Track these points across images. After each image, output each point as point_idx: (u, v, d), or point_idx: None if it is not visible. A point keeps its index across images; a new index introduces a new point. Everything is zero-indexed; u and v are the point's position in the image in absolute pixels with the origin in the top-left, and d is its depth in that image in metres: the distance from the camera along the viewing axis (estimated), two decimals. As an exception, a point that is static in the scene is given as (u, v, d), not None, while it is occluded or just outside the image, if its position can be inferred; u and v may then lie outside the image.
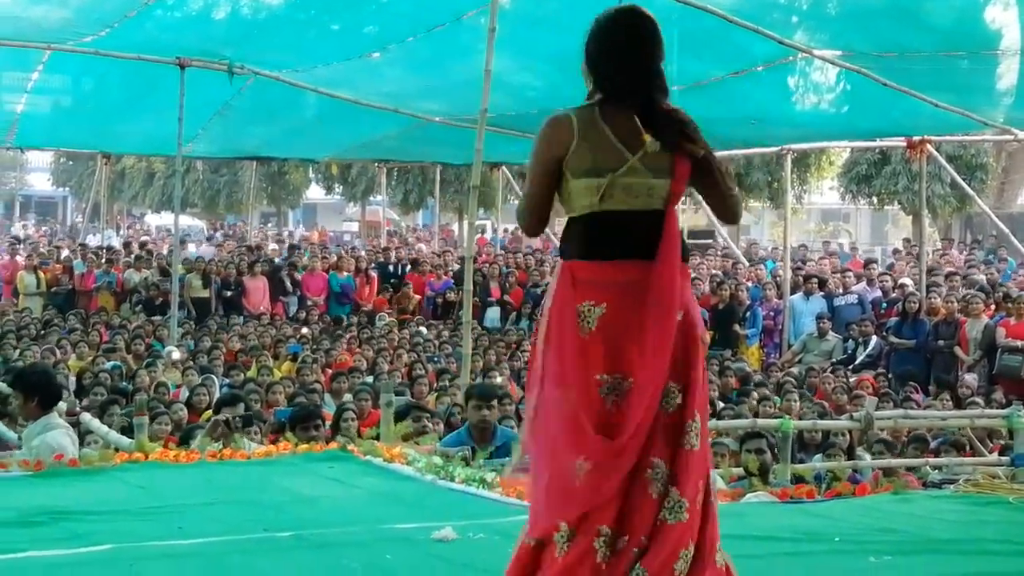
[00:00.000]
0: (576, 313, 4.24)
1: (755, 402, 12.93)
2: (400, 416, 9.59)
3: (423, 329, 19.38)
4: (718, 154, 4.49)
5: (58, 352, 15.43)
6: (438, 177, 29.29)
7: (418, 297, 22.47)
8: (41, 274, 22.14)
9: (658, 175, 4.32)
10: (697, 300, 17.65)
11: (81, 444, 9.15)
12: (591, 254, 4.30)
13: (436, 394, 13.16)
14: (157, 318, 19.34)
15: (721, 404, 13.11)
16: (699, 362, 4.33)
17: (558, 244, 4.49)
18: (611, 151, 4.31)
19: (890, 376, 16.04)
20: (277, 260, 24.07)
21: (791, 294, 19.52)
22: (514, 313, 21.40)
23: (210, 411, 11.65)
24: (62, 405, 8.79)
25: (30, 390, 7.97)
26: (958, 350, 16.42)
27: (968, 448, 11.43)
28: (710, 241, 28.15)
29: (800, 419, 11.58)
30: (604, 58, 4.49)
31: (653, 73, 4.43)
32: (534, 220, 4.52)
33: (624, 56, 4.43)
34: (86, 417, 9.88)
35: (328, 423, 10.08)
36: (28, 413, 8.07)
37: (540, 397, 4.34)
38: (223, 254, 26.34)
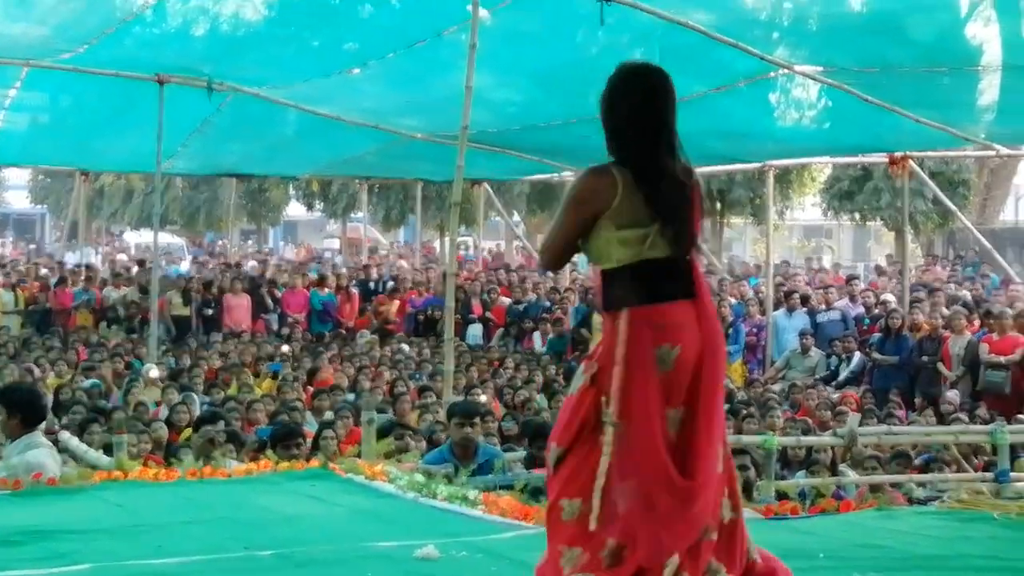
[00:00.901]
0: (655, 355, 4.43)
1: (739, 419, 12.91)
2: (382, 434, 9.56)
3: (405, 346, 19.34)
4: (700, 170, 4.65)
5: (37, 370, 15.34)
6: (419, 194, 29.27)
7: (397, 304, 22.40)
8: (19, 292, 22.06)
9: None
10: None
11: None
12: (655, 298, 4.51)
13: (418, 411, 13.12)
14: (136, 336, 19.26)
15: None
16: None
17: (601, 295, 4.63)
18: (645, 208, 4.51)
19: (874, 392, 16.05)
20: (255, 277, 24.03)
21: (774, 310, 19.54)
22: (500, 330, 21.38)
23: (190, 429, 11.60)
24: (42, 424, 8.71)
25: (13, 407, 7.88)
26: (941, 366, 16.41)
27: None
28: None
29: (784, 436, 11.57)
30: (621, 119, 4.63)
31: (664, 131, 4.60)
32: (561, 259, 4.78)
33: (639, 114, 4.59)
34: (64, 436, 9.78)
35: (310, 441, 10.03)
36: (10, 431, 7.98)
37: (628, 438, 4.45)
38: (205, 271, 26.29)
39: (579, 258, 4.93)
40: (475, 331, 21.33)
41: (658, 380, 4.42)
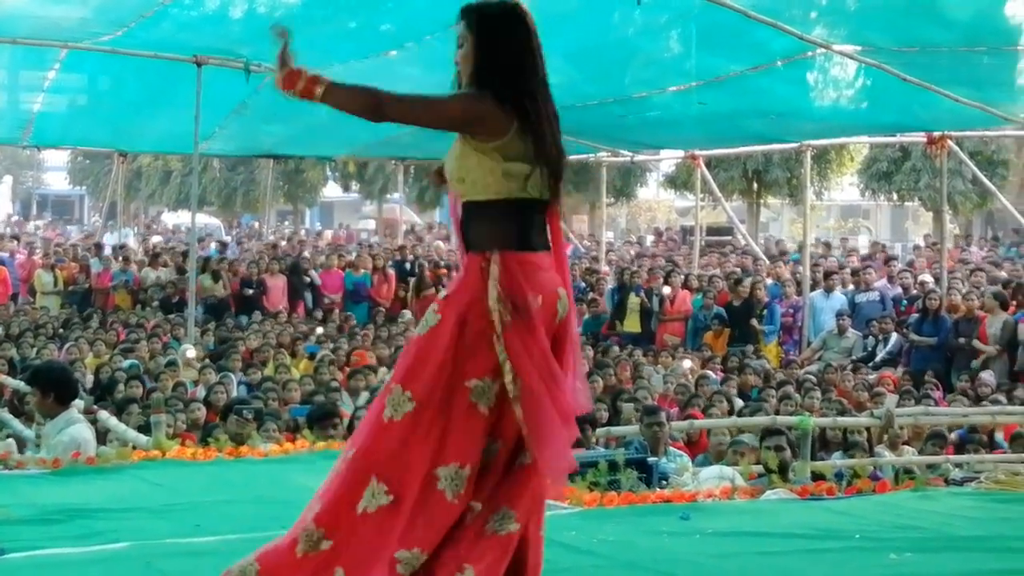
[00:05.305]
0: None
1: (775, 400, 12.88)
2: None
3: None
4: (737, 150, 4.54)
5: (78, 350, 15.47)
6: (455, 175, 29.24)
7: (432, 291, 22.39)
8: (58, 272, 22.24)
9: None
10: (715, 297, 17.42)
11: (100, 442, 9.16)
12: (525, 244, 4.33)
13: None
14: (174, 316, 19.36)
15: (740, 402, 13.09)
16: None
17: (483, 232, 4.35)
18: (531, 147, 4.42)
19: (911, 373, 15.95)
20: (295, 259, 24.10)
21: (811, 291, 19.45)
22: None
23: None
24: (79, 402, 8.78)
25: (47, 386, 7.98)
26: (977, 342, 16.23)
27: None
28: (728, 238, 28.07)
29: (820, 417, 11.54)
30: (513, 54, 4.66)
31: (542, 72, 4.76)
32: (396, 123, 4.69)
33: (527, 52, 4.73)
34: (103, 415, 9.87)
35: (346, 421, 10.06)
36: (47, 410, 8.07)
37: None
38: (247, 253, 26.46)
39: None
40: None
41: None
